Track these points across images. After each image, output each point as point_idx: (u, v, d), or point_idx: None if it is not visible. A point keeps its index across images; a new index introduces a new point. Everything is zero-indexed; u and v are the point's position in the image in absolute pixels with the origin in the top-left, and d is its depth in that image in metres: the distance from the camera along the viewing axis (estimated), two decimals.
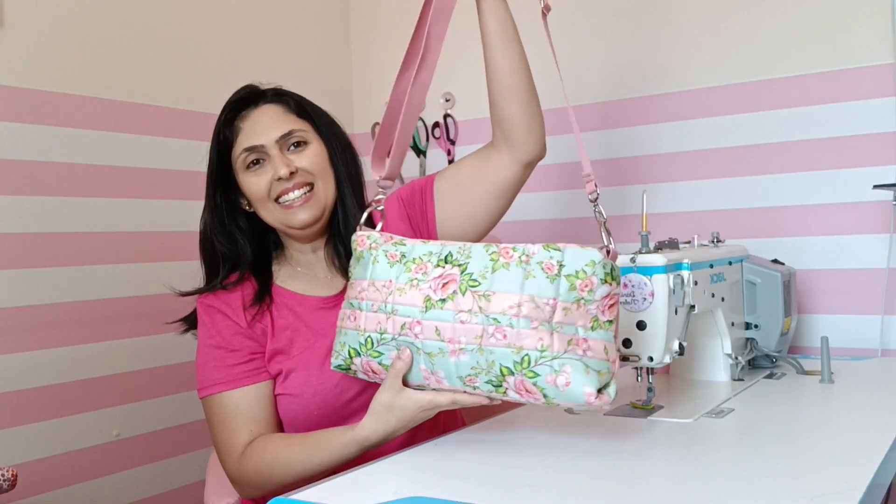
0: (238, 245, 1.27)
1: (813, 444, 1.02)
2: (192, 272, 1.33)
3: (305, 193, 1.21)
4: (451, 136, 2.22)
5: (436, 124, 2.24)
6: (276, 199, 1.21)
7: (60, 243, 1.66)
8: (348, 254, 1.24)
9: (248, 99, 1.25)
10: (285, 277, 1.28)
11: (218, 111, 1.26)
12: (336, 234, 1.28)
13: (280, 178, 1.19)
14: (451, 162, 2.21)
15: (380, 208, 1.15)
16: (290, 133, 1.22)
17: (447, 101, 2.22)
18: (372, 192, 1.20)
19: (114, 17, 1.77)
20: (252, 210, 1.26)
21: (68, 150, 1.68)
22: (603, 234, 1.00)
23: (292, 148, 1.23)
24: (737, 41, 1.81)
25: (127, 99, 1.79)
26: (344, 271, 1.26)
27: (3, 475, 1.17)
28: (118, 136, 1.77)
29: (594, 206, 1.05)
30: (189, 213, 1.91)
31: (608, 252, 0.97)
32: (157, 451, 1.83)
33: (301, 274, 1.28)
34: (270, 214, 1.23)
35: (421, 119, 2.25)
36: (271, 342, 1.21)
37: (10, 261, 1.58)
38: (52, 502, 1.62)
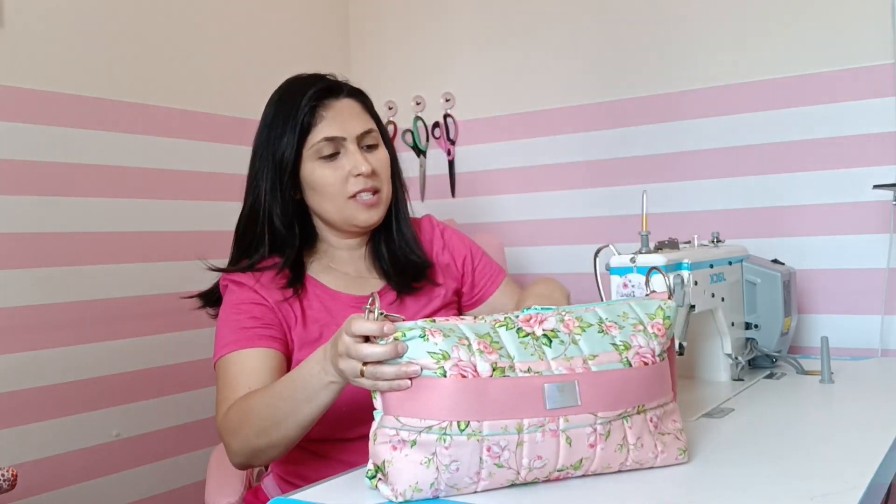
0: (293, 234, 1.26)
1: (813, 444, 1.02)
2: (193, 272, 1.32)
3: (374, 195, 1.23)
4: (451, 136, 2.21)
5: (436, 124, 2.24)
6: (350, 195, 1.22)
7: (60, 243, 1.66)
8: (392, 257, 1.28)
9: (331, 88, 1.25)
10: (317, 270, 1.28)
11: (217, 111, 1.26)
12: (380, 237, 1.30)
13: (359, 175, 1.20)
14: (451, 163, 2.21)
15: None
16: (369, 132, 1.24)
17: (447, 101, 2.22)
18: None
19: (114, 17, 1.77)
20: (299, 198, 1.26)
21: (68, 150, 1.68)
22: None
23: (365, 149, 1.24)
24: (737, 41, 1.81)
25: (127, 99, 1.79)
26: (385, 274, 1.28)
27: (3, 475, 1.17)
28: (118, 136, 1.77)
29: None
30: (189, 214, 1.91)
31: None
32: (157, 451, 1.83)
33: (332, 269, 1.28)
34: (336, 208, 1.23)
35: (421, 119, 2.25)
36: (302, 331, 1.20)
37: (10, 261, 1.58)
38: (52, 502, 1.62)
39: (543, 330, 0.90)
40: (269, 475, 1.32)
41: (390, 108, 2.31)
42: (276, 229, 1.24)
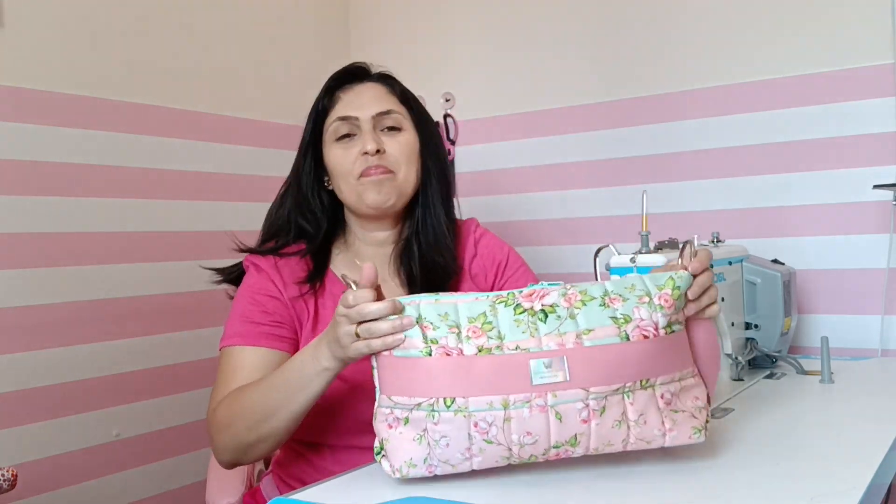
0: (318, 220, 1.25)
1: (813, 444, 1.02)
2: (193, 272, 1.32)
3: (383, 173, 1.21)
4: (451, 136, 2.21)
5: (436, 124, 2.23)
6: (359, 176, 1.20)
7: (60, 243, 1.66)
8: (421, 259, 1.24)
9: (354, 73, 1.26)
10: (341, 264, 1.26)
11: (217, 111, 1.26)
12: (413, 233, 1.26)
13: (366, 153, 1.19)
14: (451, 163, 2.20)
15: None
16: (387, 112, 1.23)
17: (447, 101, 2.22)
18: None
19: (114, 18, 1.77)
20: (331, 188, 1.25)
21: (68, 150, 1.68)
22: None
23: (385, 131, 1.23)
24: (737, 41, 1.81)
25: (127, 99, 1.79)
26: (409, 279, 1.23)
27: (3, 475, 1.17)
28: (118, 136, 1.77)
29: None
30: (189, 213, 1.91)
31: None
32: (157, 451, 1.83)
33: (356, 266, 1.25)
34: (349, 188, 1.22)
35: None
36: (310, 332, 1.18)
37: (10, 261, 1.58)
38: (52, 502, 1.62)
39: (542, 305, 0.89)
40: (268, 475, 1.32)
41: None
42: (300, 216, 1.25)
